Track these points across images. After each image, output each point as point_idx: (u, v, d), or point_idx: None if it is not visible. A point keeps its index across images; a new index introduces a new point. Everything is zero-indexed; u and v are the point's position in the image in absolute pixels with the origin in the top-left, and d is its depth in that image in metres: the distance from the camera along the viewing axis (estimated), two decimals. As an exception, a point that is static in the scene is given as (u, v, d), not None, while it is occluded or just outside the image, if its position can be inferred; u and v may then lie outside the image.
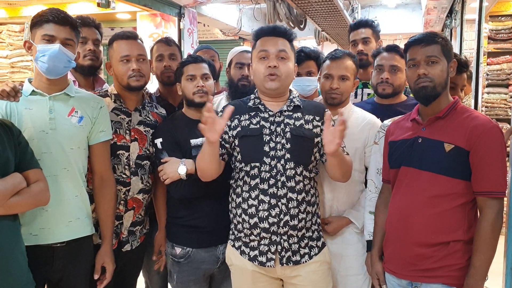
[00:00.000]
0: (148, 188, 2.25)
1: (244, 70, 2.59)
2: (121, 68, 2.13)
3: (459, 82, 2.53)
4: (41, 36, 1.84)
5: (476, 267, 1.68)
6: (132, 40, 2.16)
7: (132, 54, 2.13)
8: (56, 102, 1.91)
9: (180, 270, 2.17)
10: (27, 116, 1.85)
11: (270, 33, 1.97)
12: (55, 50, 1.82)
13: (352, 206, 2.20)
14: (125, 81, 2.13)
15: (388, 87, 2.37)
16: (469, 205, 1.75)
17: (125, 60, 2.13)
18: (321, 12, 5.46)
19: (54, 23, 1.84)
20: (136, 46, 2.16)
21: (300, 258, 1.93)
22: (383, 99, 2.44)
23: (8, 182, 1.59)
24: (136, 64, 2.12)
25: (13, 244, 1.64)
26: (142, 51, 2.18)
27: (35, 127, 1.83)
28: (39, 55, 1.83)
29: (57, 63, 1.85)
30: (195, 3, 5.58)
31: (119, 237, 2.17)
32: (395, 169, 1.90)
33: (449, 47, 1.81)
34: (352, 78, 2.21)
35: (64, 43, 1.86)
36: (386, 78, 2.36)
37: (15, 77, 5.27)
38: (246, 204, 1.92)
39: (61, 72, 1.89)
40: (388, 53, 2.40)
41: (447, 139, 1.75)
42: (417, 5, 8.20)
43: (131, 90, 2.17)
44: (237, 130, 1.96)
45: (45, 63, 1.83)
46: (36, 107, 1.87)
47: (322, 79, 2.24)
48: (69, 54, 1.87)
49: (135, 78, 2.12)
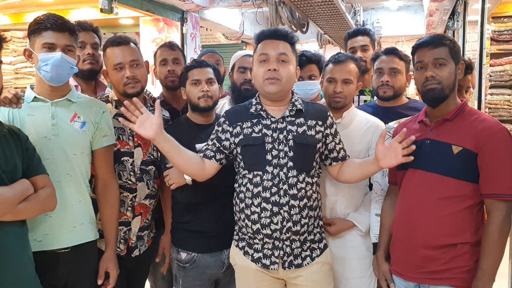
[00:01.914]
0: (154, 193, 2.25)
1: (247, 74, 2.59)
2: (116, 76, 2.12)
3: (463, 84, 2.54)
4: (41, 44, 1.82)
5: (484, 270, 1.67)
6: (123, 46, 2.13)
7: (125, 61, 2.11)
8: (58, 108, 1.91)
9: (186, 275, 2.17)
10: (30, 123, 1.84)
11: (271, 36, 1.96)
12: (57, 59, 1.81)
13: (355, 209, 2.20)
14: (121, 89, 2.13)
15: (388, 89, 2.39)
16: (477, 207, 1.74)
17: (119, 68, 2.11)
18: (323, 15, 5.47)
19: (52, 30, 1.82)
20: (128, 51, 2.13)
21: (302, 261, 1.94)
22: (384, 101, 2.45)
23: (16, 188, 1.59)
24: (130, 71, 2.10)
25: (21, 249, 1.65)
26: (135, 56, 2.15)
27: (37, 133, 1.83)
28: (41, 64, 1.82)
29: (60, 71, 1.84)
30: (197, 8, 5.60)
31: (128, 243, 2.17)
32: (402, 171, 1.89)
33: (457, 49, 1.81)
34: (355, 82, 2.21)
35: (65, 49, 1.85)
36: (387, 81, 2.38)
37: (19, 83, 5.29)
38: (249, 211, 1.92)
39: (64, 79, 1.90)
40: (387, 56, 2.42)
41: (455, 141, 1.74)
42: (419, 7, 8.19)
43: (129, 97, 2.13)
44: (240, 138, 1.95)
45: (49, 72, 1.82)
46: (39, 113, 1.87)
47: (325, 83, 2.24)
48: (70, 60, 1.87)
49: (130, 85, 2.11)
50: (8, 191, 1.55)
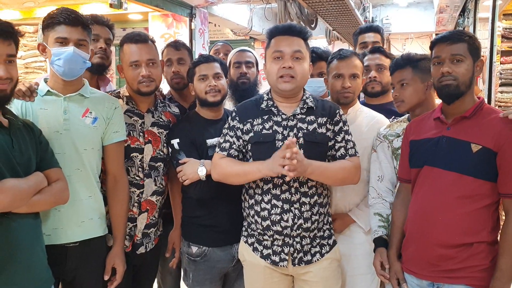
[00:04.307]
0: (162, 190, 2.24)
1: (242, 68, 2.63)
2: (131, 73, 2.11)
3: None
4: (54, 39, 1.83)
5: (503, 270, 1.65)
6: (142, 43, 2.11)
7: (142, 59, 2.09)
8: (70, 103, 1.91)
9: (196, 269, 2.18)
10: (42, 116, 1.85)
11: (285, 32, 1.93)
12: (69, 53, 1.82)
13: (359, 204, 2.20)
14: (135, 86, 2.12)
15: (376, 85, 2.51)
16: (494, 206, 1.73)
17: (135, 65, 2.10)
18: (332, 12, 5.44)
19: (65, 24, 1.82)
20: (146, 50, 2.12)
21: (311, 258, 1.94)
22: (373, 98, 2.55)
23: (31, 181, 1.61)
24: (146, 70, 2.09)
25: (35, 241, 1.66)
26: (152, 55, 2.14)
27: (49, 127, 1.84)
28: (54, 58, 1.83)
29: (73, 65, 1.84)
30: (206, 3, 5.61)
31: (133, 239, 2.17)
32: (417, 169, 1.87)
33: (477, 45, 1.77)
34: (361, 76, 2.24)
35: (78, 44, 1.85)
36: (374, 76, 2.50)
37: (29, 78, 5.33)
38: (259, 207, 1.92)
39: (77, 74, 1.90)
40: (373, 54, 2.56)
41: (474, 139, 1.72)
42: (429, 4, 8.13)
43: (142, 95, 2.15)
44: (250, 135, 1.94)
45: (61, 67, 1.83)
46: (51, 107, 1.88)
47: (332, 80, 2.23)
48: (83, 55, 1.87)
49: (145, 83, 2.10)
50: (23, 183, 1.57)
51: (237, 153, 1.97)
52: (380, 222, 2.05)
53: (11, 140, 1.61)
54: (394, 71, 2.09)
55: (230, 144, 1.97)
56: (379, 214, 2.07)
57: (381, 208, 2.07)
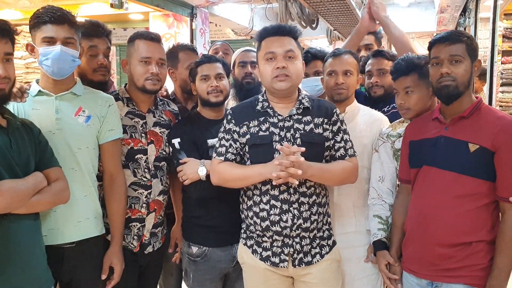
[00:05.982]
0: (167, 189, 2.25)
1: (247, 68, 2.62)
2: (140, 69, 2.09)
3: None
4: (41, 38, 1.80)
5: (500, 268, 1.67)
6: (155, 42, 2.13)
7: (154, 57, 2.09)
8: (62, 102, 1.89)
9: (197, 269, 2.18)
10: (34, 117, 1.82)
11: (275, 32, 1.93)
12: (57, 52, 1.79)
13: (362, 205, 2.19)
14: (141, 83, 2.10)
15: (379, 89, 2.55)
16: (492, 205, 1.73)
17: (145, 61, 2.09)
18: (333, 11, 5.43)
19: (51, 23, 1.79)
20: (158, 49, 2.13)
21: (311, 259, 1.94)
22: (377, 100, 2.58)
23: (29, 181, 1.60)
24: (156, 68, 2.09)
25: (34, 242, 1.66)
26: (163, 55, 2.16)
27: (42, 127, 1.81)
28: (42, 58, 1.81)
29: (61, 64, 1.83)
30: (207, 3, 5.60)
31: (141, 239, 2.17)
32: (416, 169, 1.88)
33: (474, 46, 1.78)
34: (355, 74, 2.24)
35: (65, 42, 1.82)
36: (375, 82, 2.53)
37: (29, 78, 5.32)
38: (257, 208, 1.92)
39: (67, 72, 1.88)
40: (375, 59, 2.58)
41: (471, 139, 1.73)
42: (430, 4, 8.10)
43: (146, 93, 2.13)
44: (247, 137, 1.93)
45: (50, 66, 1.81)
46: (43, 107, 1.86)
47: (326, 77, 2.25)
48: (71, 52, 1.84)
49: (151, 81, 2.09)
50: (21, 184, 1.56)
51: (234, 156, 1.96)
52: (380, 224, 2.05)
53: (10, 140, 1.60)
54: (398, 77, 2.04)
55: (226, 149, 1.96)
56: (378, 216, 2.07)
57: (381, 210, 2.07)
